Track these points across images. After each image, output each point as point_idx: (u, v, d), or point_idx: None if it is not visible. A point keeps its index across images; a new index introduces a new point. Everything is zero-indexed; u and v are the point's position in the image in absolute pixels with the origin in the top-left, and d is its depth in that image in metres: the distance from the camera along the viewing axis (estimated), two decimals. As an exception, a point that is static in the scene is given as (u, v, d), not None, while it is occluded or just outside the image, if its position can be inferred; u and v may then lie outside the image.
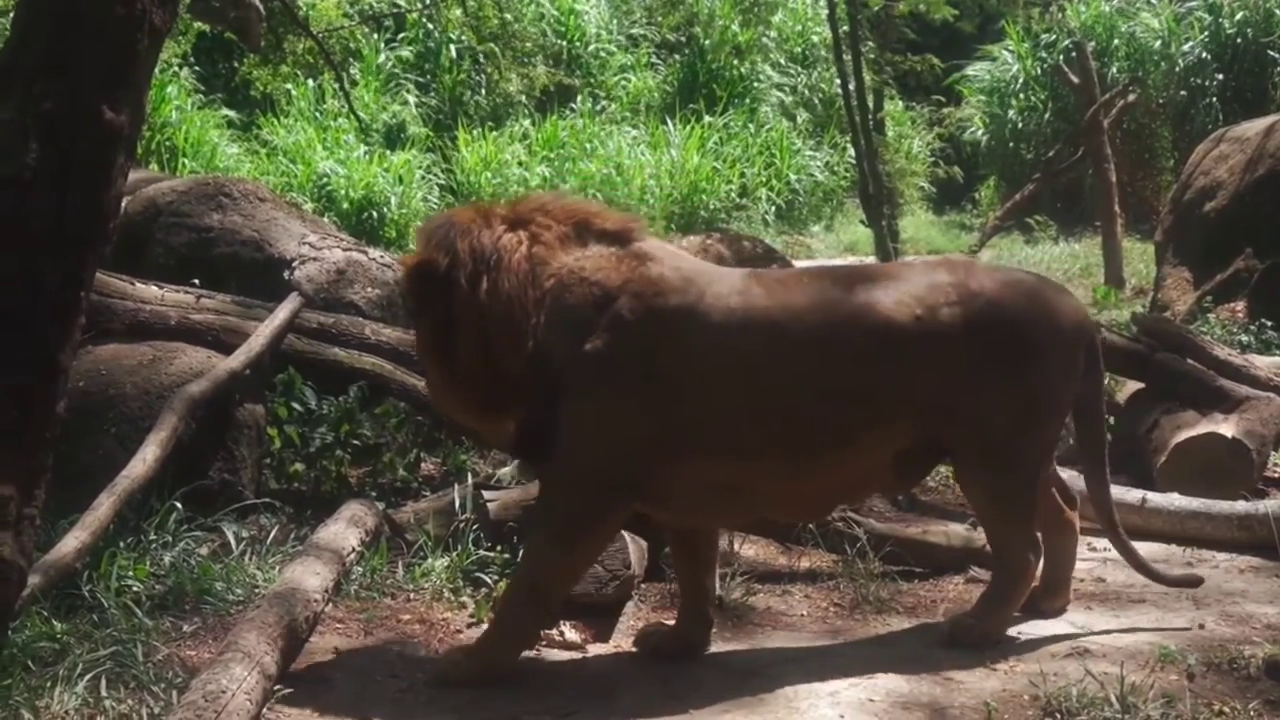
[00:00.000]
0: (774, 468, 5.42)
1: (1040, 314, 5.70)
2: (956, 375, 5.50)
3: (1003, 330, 5.57)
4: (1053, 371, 5.69)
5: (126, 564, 5.95)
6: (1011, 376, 5.58)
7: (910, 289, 5.57)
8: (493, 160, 22.29)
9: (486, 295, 5.36)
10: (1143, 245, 17.63)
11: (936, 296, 5.55)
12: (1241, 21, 22.31)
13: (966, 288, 5.59)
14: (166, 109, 20.74)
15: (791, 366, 5.39)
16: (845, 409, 5.44)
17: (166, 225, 9.39)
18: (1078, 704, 4.84)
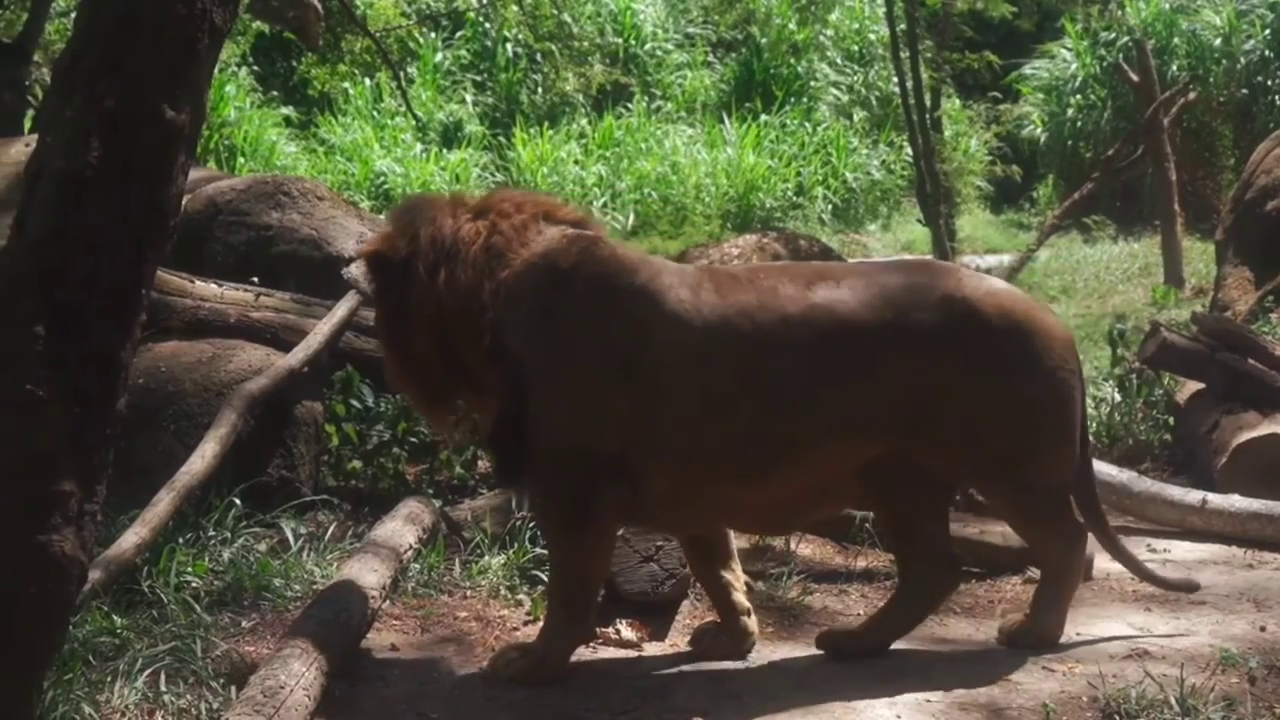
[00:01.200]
0: (722, 473, 5.28)
1: (1028, 323, 5.38)
2: (932, 385, 5.24)
3: (987, 338, 5.30)
4: (1046, 382, 5.38)
5: (185, 560, 5.99)
6: (999, 387, 5.31)
7: (881, 289, 5.33)
8: (549, 159, 22.32)
9: (444, 286, 5.35)
10: (1203, 244, 17.48)
11: (911, 298, 5.31)
12: (1304, 18, 22.13)
13: (947, 292, 5.34)
14: (225, 108, 20.88)
15: (736, 366, 5.22)
16: (795, 415, 5.22)
17: (226, 224, 9.43)
18: (1137, 706, 4.81)
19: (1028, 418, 5.36)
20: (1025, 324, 5.37)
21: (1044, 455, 5.42)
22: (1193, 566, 6.60)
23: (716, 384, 5.21)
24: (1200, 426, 8.08)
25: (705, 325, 5.22)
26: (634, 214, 21.79)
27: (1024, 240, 19.31)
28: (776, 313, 5.24)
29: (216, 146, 20.66)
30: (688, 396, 5.21)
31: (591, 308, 5.27)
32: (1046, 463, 5.43)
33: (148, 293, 4.15)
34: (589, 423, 5.24)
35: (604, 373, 5.22)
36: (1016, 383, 5.33)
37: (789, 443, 5.22)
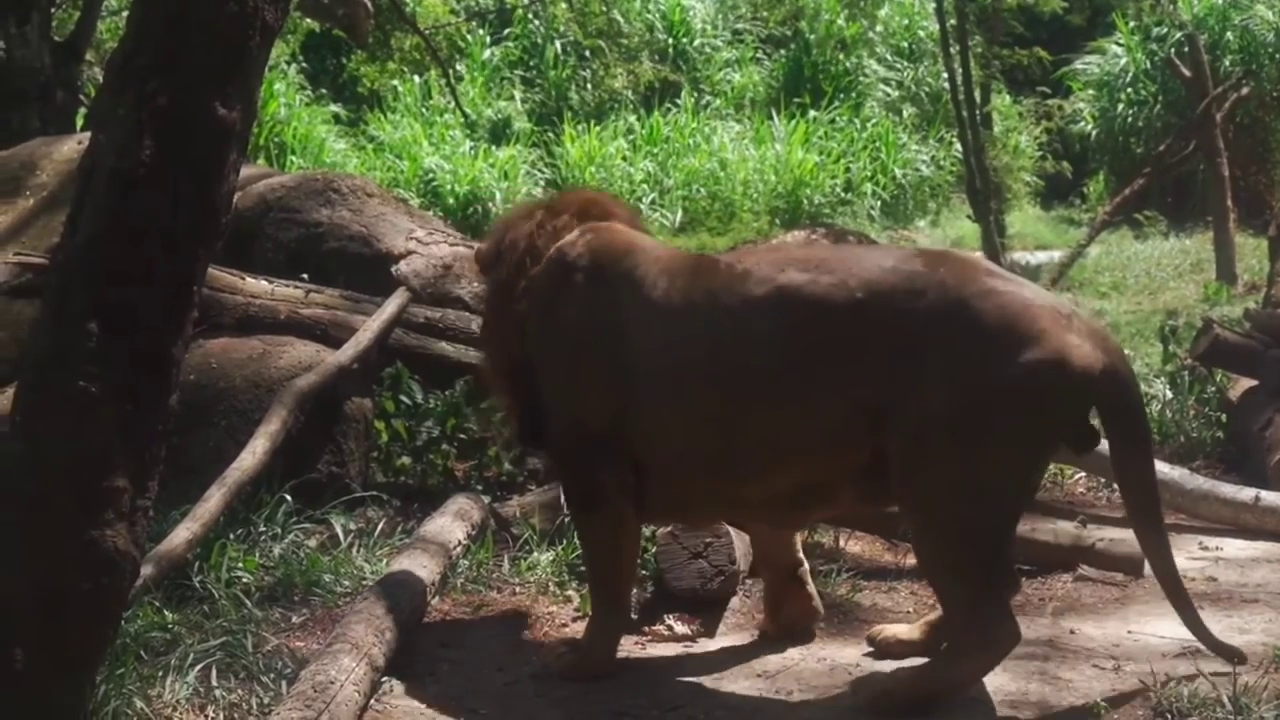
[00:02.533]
0: (699, 466, 5.19)
1: (1023, 332, 4.71)
2: (903, 379, 4.80)
3: (969, 337, 4.75)
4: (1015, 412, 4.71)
5: (236, 555, 6.02)
6: (969, 394, 4.73)
7: (862, 271, 4.94)
8: (597, 155, 22.32)
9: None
10: (1255, 240, 17.36)
11: (892, 282, 4.89)
12: (1358, 12, 21.94)
13: (939, 279, 4.85)
14: (275, 105, 20.98)
15: (698, 354, 5.09)
16: (762, 407, 4.99)
17: (276, 220, 9.47)
18: (1189, 705, 4.78)
19: (991, 435, 4.73)
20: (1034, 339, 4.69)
21: (977, 491, 4.76)
22: (1245, 564, 6.56)
23: (682, 373, 5.12)
24: (1253, 423, 8.02)
25: (670, 312, 5.17)
26: (682, 210, 21.78)
27: (1074, 236, 19.21)
28: (740, 298, 5.04)
29: (267, 144, 20.76)
30: (660, 386, 5.15)
31: (582, 298, 5.33)
32: (982, 501, 4.76)
33: (199, 289, 4.17)
34: (584, 410, 5.31)
35: (594, 362, 5.28)
36: (986, 389, 4.73)
37: (757, 436, 5.02)
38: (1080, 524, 6.77)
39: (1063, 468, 7.94)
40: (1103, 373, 4.74)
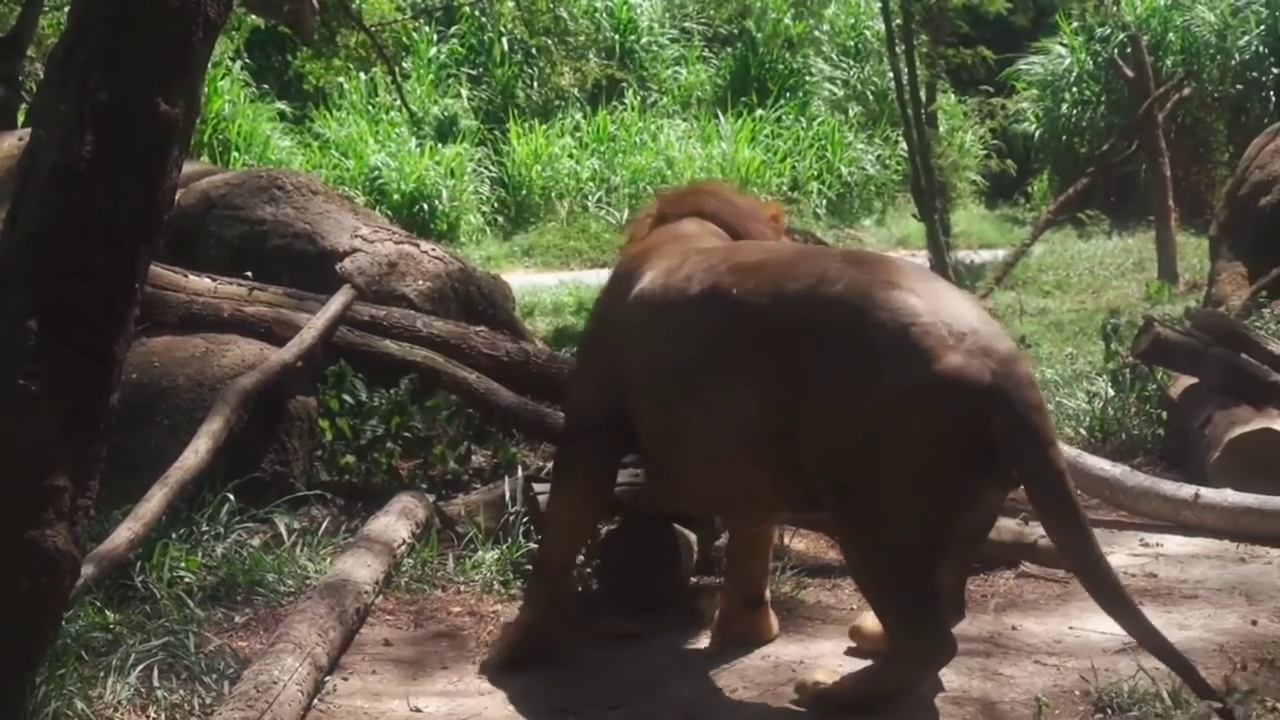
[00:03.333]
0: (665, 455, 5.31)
1: (906, 349, 4.60)
2: (806, 389, 4.75)
3: (855, 353, 4.68)
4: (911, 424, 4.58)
5: (179, 555, 5.99)
6: (856, 412, 4.64)
7: (779, 276, 4.95)
8: (544, 154, 22.33)
9: None
10: (1197, 240, 17.49)
11: (797, 290, 4.87)
12: (1299, 14, 22.15)
13: (837, 291, 4.77)
14: (219, 102, 20.88)
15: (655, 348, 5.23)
16: (687, 404, 5.07)
17: (219, 218, 9.43)
18: (1129, 700, 4.82)
19: (882, 454, 4.61)
20: (912, 355, 4.59)
21: (889, 509, 4.65)
22: (1185, 561, 6.61)
23: (646, 364, 5.27)
24: (1193, 421, 8.08)
25: (641, 307, 5.32)
26: (629, 209, 21.78)
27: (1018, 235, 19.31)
28: (684, 296, 5.15)
29: (211, 141, 20.66)
30: (635, 378, 5.30)
31: (607, 294, 5.72)
32: (892, 519, 4.65)
33: (141, 287, 4.15)
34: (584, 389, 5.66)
35: (601, 351, 5.57)
36: (874, 415, 4.62)
37: (690, 433, 5.10)
38: (1022, 521, 6.79)
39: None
40: (986, 393, 4.55)
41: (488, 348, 8.10)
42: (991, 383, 4.56)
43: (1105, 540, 6.76)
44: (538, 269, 19.70)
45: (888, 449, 4.59)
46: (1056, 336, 12.65)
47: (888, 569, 4.75)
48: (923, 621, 4.72)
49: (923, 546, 4.69)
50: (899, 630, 4.78)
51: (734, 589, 5.68)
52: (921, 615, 4.71)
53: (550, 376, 8.07)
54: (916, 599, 4.71)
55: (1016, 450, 4.62)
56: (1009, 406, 4.57)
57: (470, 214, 21.34)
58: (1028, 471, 4.67)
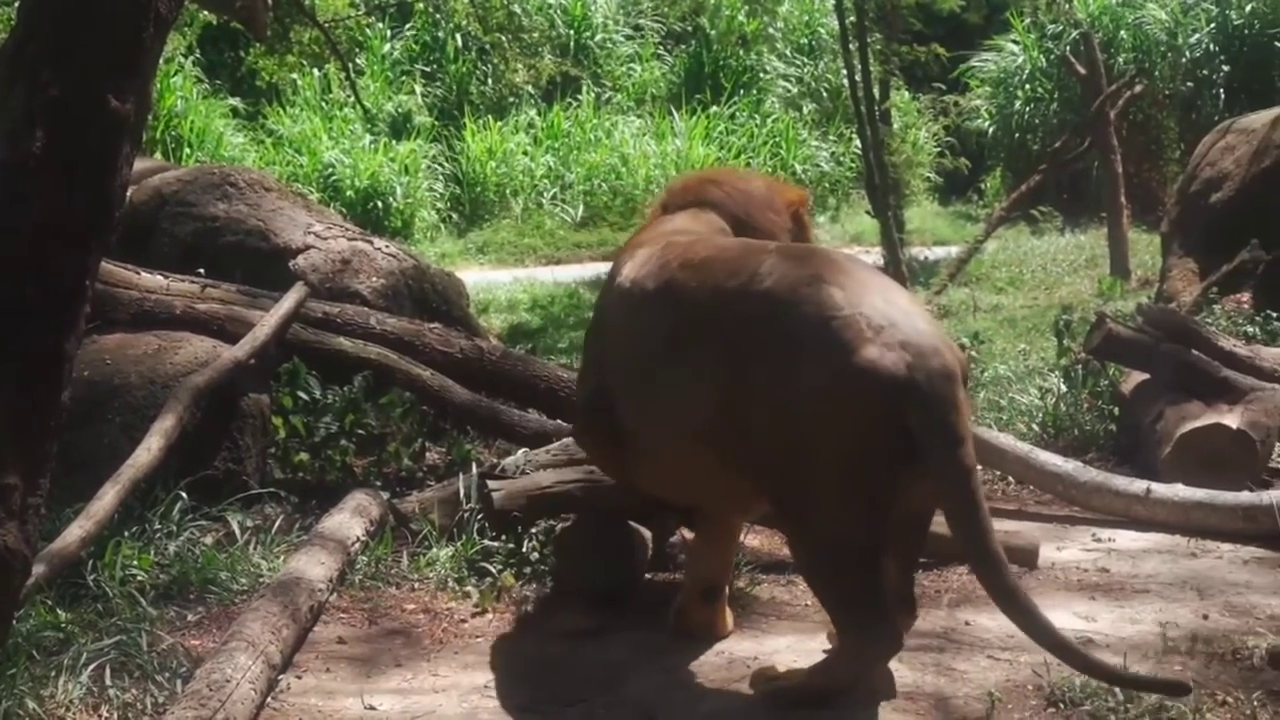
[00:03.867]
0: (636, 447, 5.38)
1: (824, 341, 4.67)
2: (741, 382, 4.83)
3: (778, 345, 4.77)
4: (831, 416, 4.63)
5: (131, 553, 5.97)
6: (780, 404, 4.71)
7: (722, 269, 5.05)
8: (498, 150, 22.31)
9: None
10: (1149, 236, 17.59)
11: (735, 284, 4.96)
12: (1249, 13, 22.28)
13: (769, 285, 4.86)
14: (171, 99, 20.79)
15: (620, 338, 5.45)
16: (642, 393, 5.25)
17: (172, 215, 9.39)
18: (1081, 694, 4.84)
19: (807, 448, 4.68)
20: (824, 347, 4.67)
21: (821, 501, 4.71)
22: (1137, 556, 6.64)
23: (617, 353, 5.45)
24: (1145, 417, 8.13)
25: (617, 298, 5.50)
26: (584, 205, 21.81)
27: (972, 232, 19.40)
28: (644, 291, 5.30)
29: (163, 138, 20.57)
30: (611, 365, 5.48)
31: (606, 280, 5.81)
32: (824, 511, 4.72)
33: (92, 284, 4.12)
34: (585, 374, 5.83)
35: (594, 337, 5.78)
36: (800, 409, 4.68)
37: (649, 425, 5.24)
38: (976, 517, 6.82)
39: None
40: (901, 386, 4.58)
41: (442, 345, 8.09)
42: (906, 376, 4.59)
43: (1058, 535, 6.85)
44: (492, 266, 19.68)
45: (811, 441, 4.65)
46: (1010, 333, 12.69)
47: (827, 562, 4.82)
48: (865, 615, 4.75)
49: (856, 539, 4.71)
50: (843, 624, 4.84)
51: (692, 580, 5.69)
52: (863, 608, 4.75)
53: (504, 373, 8.07)
54: (857, 592, 4.75)
55: (926, 444, 4.62)
56: (922, 400, 4.60)
57: (424, 211, 21.32)
58: (934, 466, 4.66)
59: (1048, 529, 7.07)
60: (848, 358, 4.60)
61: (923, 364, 4.62)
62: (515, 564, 6.26)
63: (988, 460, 7.74)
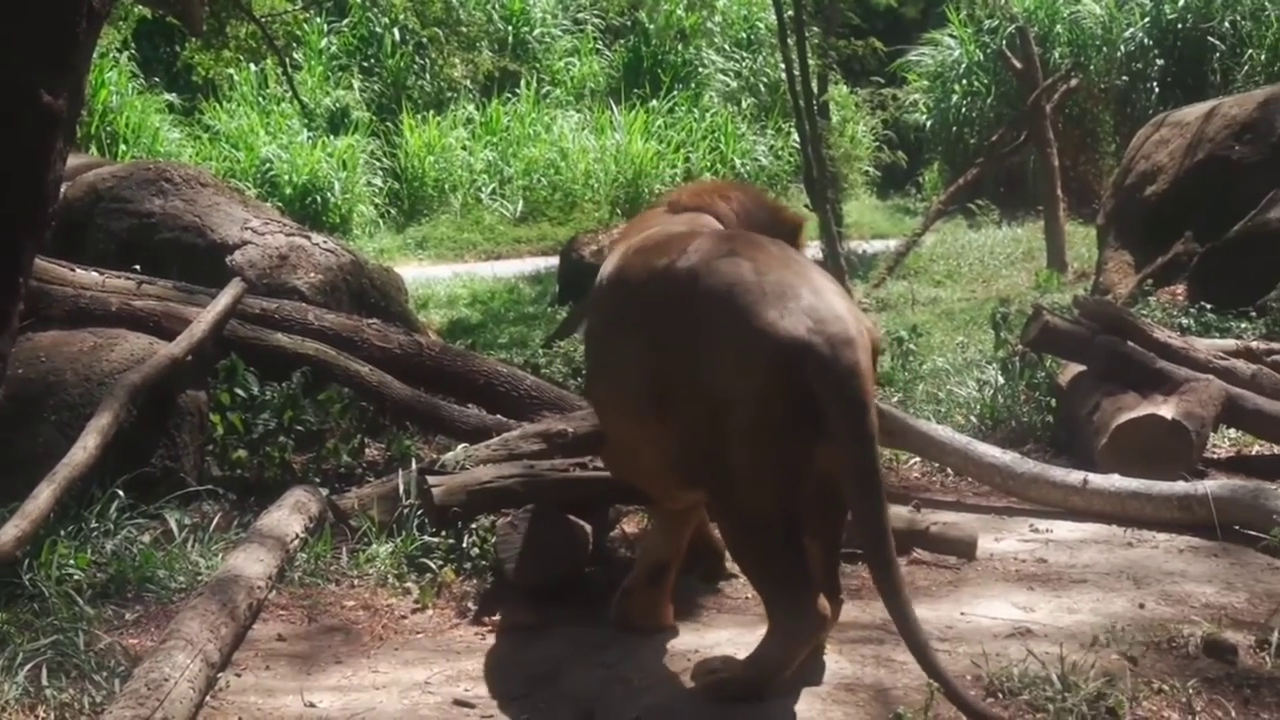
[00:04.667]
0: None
1: (735, 315, 4.75)
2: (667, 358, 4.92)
3: (691, 317, 4.86)
4: (741, 391, 4.70)
5: (67, 552, 5.92)
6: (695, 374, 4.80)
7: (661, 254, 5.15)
8: (436, 145, 22.27)
9: None
10: (1085, 229, 17.72)
11: (664, 265, 5.07)
12: (1182, 8, 22.45)
13: (690, 263, 4.96)
14: (106, 94, 20.65)
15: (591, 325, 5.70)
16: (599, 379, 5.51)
17: (107, 211, 9.33)
18: (1020, 684, 4.87)
19: (717, 415, 4.75)
20: (730, 316, 4.76)
21: (737, 475, 4.77)
22: (1074, 546, 6.69)
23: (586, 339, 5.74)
24: (1081, 408, 8.19)
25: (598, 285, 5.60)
26: (523, 200, 21.79)
27: (910, 225, 19.49)
28: (607, 277, 5.46)
29: (98, 133, 20.43)
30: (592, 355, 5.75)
31: None
32: (741, 486, 4.79)
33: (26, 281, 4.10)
34: None
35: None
36: (709, 379, 4.77)
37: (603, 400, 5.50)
38: (914, 508, 6.86)
39: (898, 453, 8.07)
40: (800, 350, 4.64)
41: (380, 340, 8.07)
42: (805, 339, 4.65)
43: (996, 526, 6.89)
44: (431, 261, 19.64)
45: (720, 407, 4.72)
46: (948, 325, 12.77)
47: (747, 539, 4.91)
48: (788, 592, 4.80)
49: (771, 510, 4.77)
50: (768, 603, 4.91)
51: (642, 564, 5.72)
52: (786, 586, 4.80)
53: (443, 369, 8.05)
54: (778, 569, 4.82)
55: (828, 410, 4.65)
56: (821, 363, 4.64)
57: (363, 206, 21.26)
58: (835, 431, 4.67)
59: (986, 520, 7.11)
60: (749, 322, 4.70)
61: (822, 329, 4.68)
62: (455, 560, 6.25)
63: (926, 452, 7.79)
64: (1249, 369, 8.45)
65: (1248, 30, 21.82)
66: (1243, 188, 11.74)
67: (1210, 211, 11.87)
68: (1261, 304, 10.56)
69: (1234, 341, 9.37)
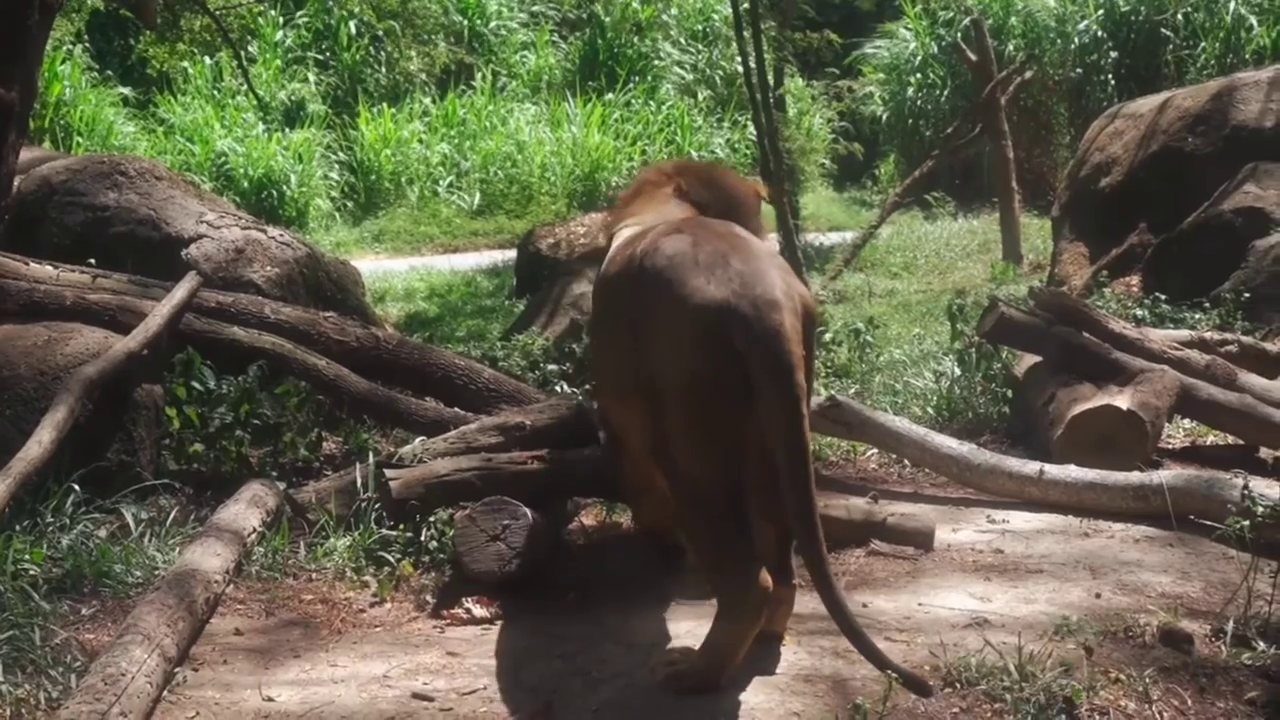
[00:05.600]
0: None
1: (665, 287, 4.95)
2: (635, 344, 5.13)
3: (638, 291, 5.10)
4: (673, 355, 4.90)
5: (23, 548, 5.88)
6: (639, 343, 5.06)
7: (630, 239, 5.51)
8: (392, 138, 22.23)
9: None
10: (1040, 221, 17.83)
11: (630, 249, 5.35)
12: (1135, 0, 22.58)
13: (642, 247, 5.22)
14: (59, 87, 20.52)
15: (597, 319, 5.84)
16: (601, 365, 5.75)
17: (61, 204, 9.28)
18: (977, 674, 4.89)
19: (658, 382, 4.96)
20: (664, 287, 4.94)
21: (675, 443, 4.95)
22: (1030, 536, 6.72)
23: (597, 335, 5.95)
24: (1037, 399, 8.24)
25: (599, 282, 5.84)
26: (480, 193, 21.76)
27: (867, 217, 19.57)
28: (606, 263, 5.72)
29: (51, 126, 20.31)
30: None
31: None
32: (680, 451, 4.94)
33: (-22, 275, 4.07)
34: None
35: None
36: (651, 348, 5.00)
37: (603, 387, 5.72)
38: (872, 499, 6.89)
39: (855, 445, 8.09)
40: (724, 313, 4.77)
41: (337, 334, 8.05)
42: (729, 301, 4.79)
43: (953, 517, 6.92)
44: (388, 254, 19.60)
45: (659, 375, 4.93)
46: (904, 317, 12.81)
47: (690, 516, 5.01)
48: (729, 568, 4.87)
49: (708, 482, 4.88)
50: (712, 582, 5.01)
51: None
52: (726, 562, 4.88)
53: (401, 362, 8.04)
54: (718, 545, 4.91)
55: (753, 371, 4.74)
56: (745, 324, 4.75)
57: (319, 199, 21.21)
58: (761, 393, 4.75)
59: (943, 511, 7.14)
60: (678, 289, 4.88)
61: (747, 293, 4.80)
62: (413, 553, 6.24)
63: (884, 443, 7.83)
64: (1203, 359, 8.52)
65: (1201, 22, 21.98)
66: (1196, 179, 11.83)
67: (1164, 203, 11.96)
68: (1215, 295, 10.65)
69: (1188, 332, 9.44)
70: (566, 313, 11.10)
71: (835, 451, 8.19)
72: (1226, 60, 20.99)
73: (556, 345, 9.81)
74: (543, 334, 10.47)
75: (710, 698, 4.82)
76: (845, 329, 10.36)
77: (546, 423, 6.96)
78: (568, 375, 9.19)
